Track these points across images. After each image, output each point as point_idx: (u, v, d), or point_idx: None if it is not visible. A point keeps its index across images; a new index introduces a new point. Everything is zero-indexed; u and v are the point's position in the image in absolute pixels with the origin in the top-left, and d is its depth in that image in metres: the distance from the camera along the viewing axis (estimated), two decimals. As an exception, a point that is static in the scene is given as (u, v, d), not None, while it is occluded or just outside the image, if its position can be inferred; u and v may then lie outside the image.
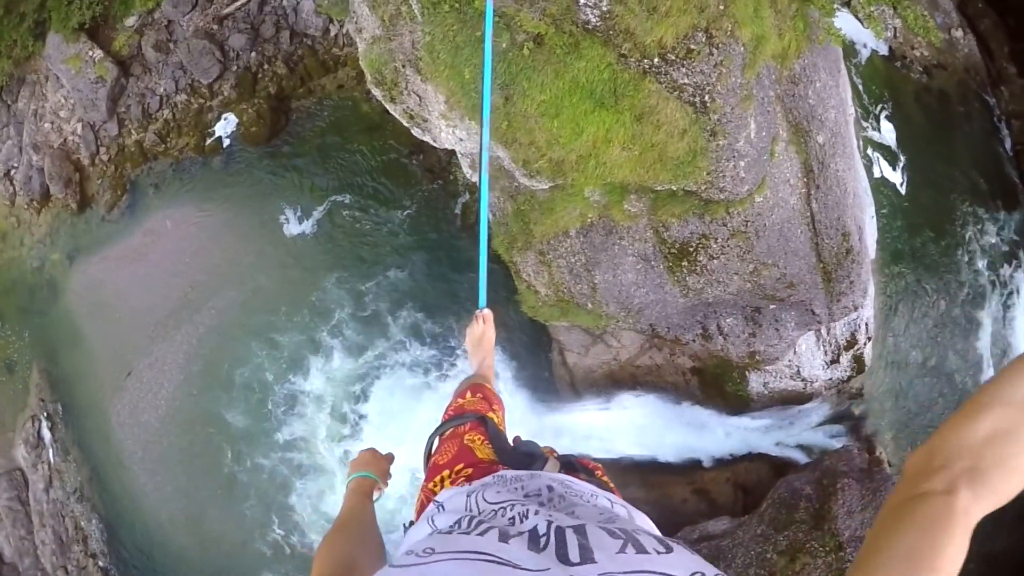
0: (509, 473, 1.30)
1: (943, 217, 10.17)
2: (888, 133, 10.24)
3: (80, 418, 11.03)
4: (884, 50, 10.62)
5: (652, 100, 5.79)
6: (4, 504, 11.24)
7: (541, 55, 5.70)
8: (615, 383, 8.84)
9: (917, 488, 0.83)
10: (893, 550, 0.77)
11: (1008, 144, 10.94)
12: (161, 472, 10.53)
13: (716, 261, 7.17)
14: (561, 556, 0.79)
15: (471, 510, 1.06)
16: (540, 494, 1.17)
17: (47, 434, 11.16)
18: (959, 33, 11.04)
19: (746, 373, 8.51)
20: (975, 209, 10.33)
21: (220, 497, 10.29)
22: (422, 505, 1.41)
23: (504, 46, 5.69)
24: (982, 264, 10.15)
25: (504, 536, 0.84)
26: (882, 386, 9.50)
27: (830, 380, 8.80)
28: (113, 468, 10.80)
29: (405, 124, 7.15)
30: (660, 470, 9.04)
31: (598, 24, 5.56)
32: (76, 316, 11.23)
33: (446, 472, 1.44)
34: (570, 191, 6.74)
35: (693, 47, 5.60)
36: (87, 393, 11.04)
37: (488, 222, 2.26)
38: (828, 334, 8.52)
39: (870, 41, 10.22)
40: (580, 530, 0.86)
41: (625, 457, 8.99)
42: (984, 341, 9.98)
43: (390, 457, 1.79)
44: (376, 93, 7.01)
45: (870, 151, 9.98)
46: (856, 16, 8.41)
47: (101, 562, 10.78)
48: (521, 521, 0.94)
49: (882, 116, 10.29)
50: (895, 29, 10.61)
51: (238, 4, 10.88)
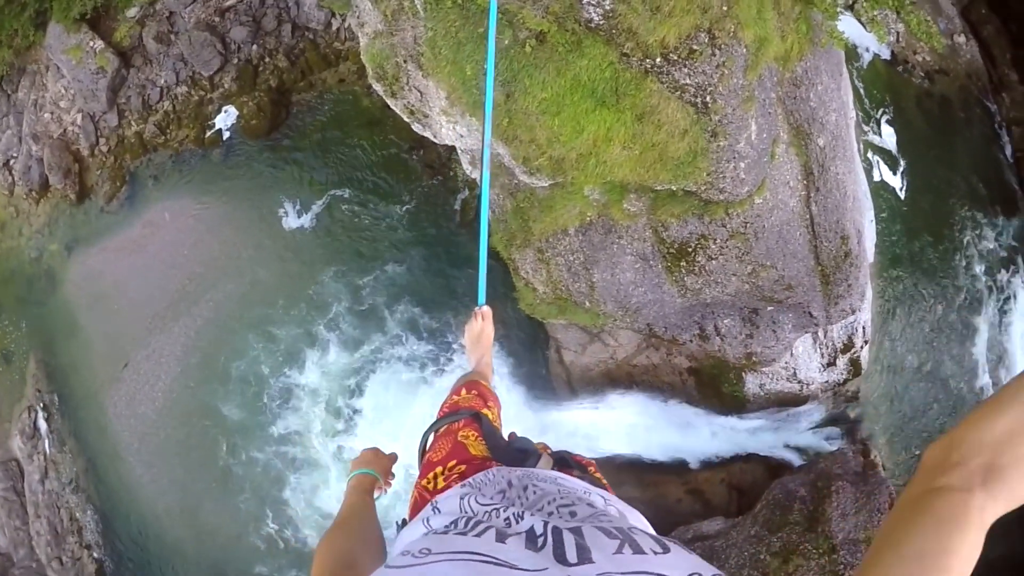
0: (501, 474, 1.29)
1: (942, 222, 10.19)
2: (889, 137, 10.25)
3: (76, 409, 11.02)
4: (886, 54, 10.62)
5: (653, 100, 5.79)
6: (0, 495, 11.26)
7: (543, 52, 5.69)
8: (612, 382, 8.84)
9: (934, 482, 0.81)
10: (905, 548, 0.76)
11: (1008, 151, 10.96)
12: (157, 464, 10.53)
13: (714, 262, 7.17)
14: (559, 556, 0.78)
15: (465, 512, 1.06)
16: (535, 492, 1.16)
17: (43, 425, 11.15)
18: (962, 39, 11.05)
19: (743, 374, 8.52)
20: (974, 214, 10.35)
21: (215, 490, 10.29)
22: (415, 502, 1.40)
23: (506, 43, 5.68)
24: (980, 269, 10.17)
25: (501, 536, 0.84)
26: (878, 390, 9.52)
27: (826, 383, 8.82)
28: (109, 459, 10.79)
29: (406, 119, 7.13)
30: (654, 469, 9.06)
31: (601, 23, 5.55)
32: (74, 307, 11.21)
33: (439, 468, 1.44)
34: (570, 189, 6.74)
35: (695, 47, 5.60)
36: (84, 384, 11.02)
37: (487, 219, 2.26)
38: (825, 337, 8.53)
39: (873, 45, 10.22)
40: (577, 530, 0.86)
41: (619, 455, 9.00)
42: (980, 347, 10.00)
43: (393, 457, 1.79)
44: (377, 88, 6.99)
45: (870, 155, 9.99)
46: (859, 20, 8.40)
47: (96, 553, 10.78)
48: (517, 522, 0.94)
49: (883, 120, 10.30)
50: (898, 33, 10.61)
51: (240, -4, 10.85)
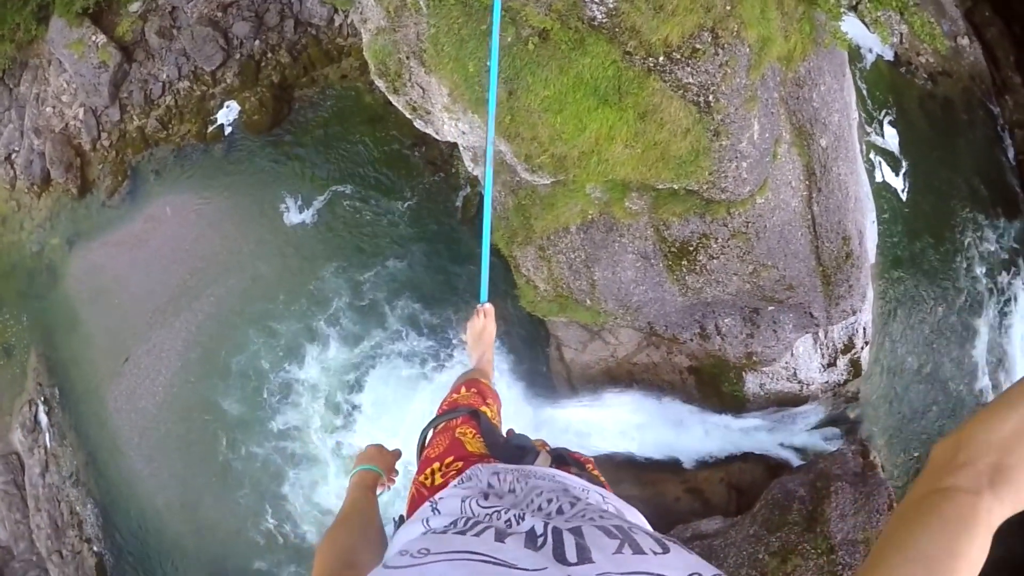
0: (498, 467, 1.28)
1: (944, 224, 10.19)
2: (891, 138, 10.24)
3: (77, 403, 11.03)
4: (890, 55, 10.60)
5: (656, 98, 5.78)
6: (0, 488, 11.26)
7: (546, 50, 5.69)
8: (612, 380, 8.85)
9: (941, 482, 0.80)
10: (910, 550, 0.75)
11: (1011, 153, 10.94)
12: (157, 458, 10.54)
13: (716, 261, 7.17)
14: (558, 556, 0.78)
15: (466, 513, 1.05)
16: (533, 490, 1.16)
17: (44, 418, 11.16)
18: (965, 41, 11.02)
19: (743, 374, 8.53)
20: (976, 216, 10.34)
21: (215, 485, 10.31)
22: (413, 498, 1.40)
23: (509, 40, 5.68)
24: (980, 271, 10.17)
25: (500, 536, 0.83)
26: (878, 391, 9.52)
27: (826, 383, 8.82)
28: (109, 453, 10.80)
29: (408, 116, 7.13)
30: (653, 467, 9.07)
31: (604, 21, 5.55)
32: (75, 301, 11.22)
33: (437, 465, 1.44)
34: (571, 187, 6.74)
35: (699, 46, 5.59)
36: (85, 378, 11.03)
37: (490, 217, 2.27)
38: (826, 337, 8.53)
39: (876, 46, 10.21)
40: (577, 529, 0.85)
41: (618, 453, 9.02)
42: (980, 349, 10.00)
43: (397, 453, 1.79)
44: (379, 84, 6.99)
45: (873, 156, 9.98)
46: (863, 21, 8.38)
47: (96, 547, 10.80)
48: (518, 522, 0.94)
49: (886, 121, 10.29)
50: (901, 35, 10.60)
51: (243, -8, 10.84)
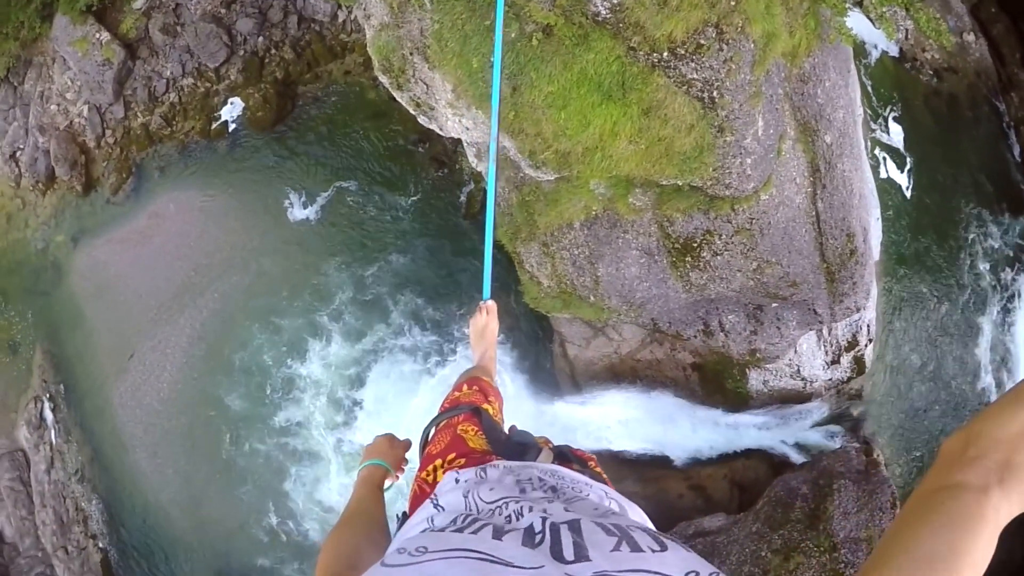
0: (503, 464, 1.28)
1: (948, 220, 10.15)
2: (896, 135, 10.21)
3: (82, 399, 11.08)
4: (895, 51, 10.56)
5: (660, 94, 5.77)
6: (6, 484, 11.30)
7: (550, 46, 5.68)
8: (615, 376, 8.85)
9: (950, 477, 0.80)
10: (915, 549, 0.74)
11: (1016, 150, 10.90)
12: (161, 454, 10.59)
13: (720, 257, 7.16)
14: (555, 553, 0.77)
15: (470, 509, 1.05)
16: (534, 487, 1.16)
17: (49, 415, 11.21)
18: (971, 37, 10.97)
19: (746, 370, 8.52)
20: (980, 213, 10.31)
21: (218, 481, 10.35)
22: (415, 495, 1.40)
23: (513, 36, 5.67)
24: (984, 268, 10.14)
25: (498, 533, 0.83)
26: (881, 388, 9.50)
27: (830, 380, 8.81)
28: (114, 449, 10.85)
29: (411, 112, 7.13)
30: (656, 464, 9.07)
31: (608, 16, 5.54)
32: (80, 298, 11.26)
33: (439, 461, 1.44)
34: (575, 183, 6.73)
35: (703, 42, 5.58)
36: (90, 374, 11.08)
37: (493, 213, 2.26)
38: (829, 334, 8.52)
39: (881, 42, 10.16)
40: (575, 527, 0.85)
41: (621, 450, 9.02)
42: (983, 347, 9.98)
43: (406, 444, 1.76)
44: (383, 80, 6.98)
45: (877, 152, 9.95)
46: (868, 16, 8.32)
47: (101, 543, 10.85)
48: (517, 519, 0.93)
49: (890, 118, 10.25)
50: (907, 31, 10.55)
51: (247, -11, 10.84)
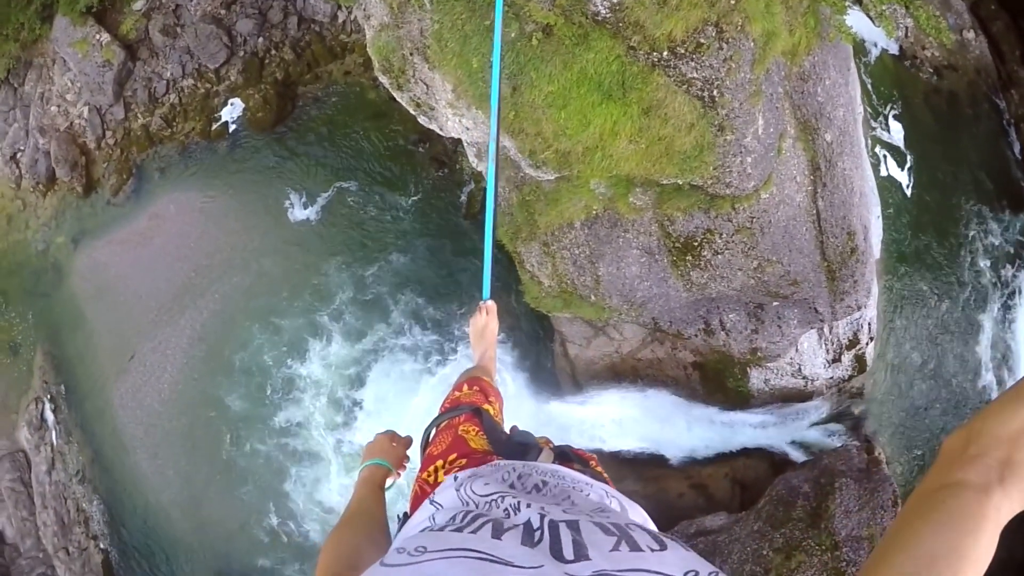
0: (501, 463, 1.28)
1: (948, 218, 10.15)
2: (896, 133, 10.20)
3: (83, 400, 11.09)
4: (895, 49, 10.55)
5: (660, 93, 5.77)
6: (7, 485, 11.31)
7: (550, 46, 5.68)
8: (616, 376, 8.85)
9: (951, 475, 0.79)
10: (916, 549, 0.73)
11: (1016, 148, 10.89)
12: (162, 455, 10.59)
13: (720, 256, 7.16)
14: (555, 552, 0.77)
15: (465, 504, 1.04)
16: (533, 485, 1.15)
17: (50, 416, 11.22)
18: (971, 35, 10.96)
19: (747, 369, 8.52)
20: (981, 210, 10.30)
21: (219, 481, 10.36)
22: (416, 495, 1.40)
23: (513, 36, 5.67)
24: (985, 265, 10.14)
25: (498, 531, 0.82)
26: (882, 387, 9.50)
27: (831, 379, 8.80)
28: (115, 450, 10.86)
29: (412, 112, 7.13)
30: (657, 464, 9.07)
31: (608, 16, 5.54)
32: (80, 299, 11.26)
33: (440, 462, 1.44)
34: (576, 183, 6.73)
35: (703, 41, 5.58)
36: (90, 375, 11.08)
37: (493, 213, 2.25)
38: (830, 333, 8.51)
39: (881, 40, 10.15)
40: (574, 525, 0.84)
41: (622, 450, 9.02)
42: (984, 345, 9.98)
43: (407, 441, 1.75)
44: (383, 81, 6.99)
45: (878, 150, 9.94)
46: (868, 14, 8.33)
47: (102, 544, 10.85)
48: (515, 513, 0.93)
49: (891, 116, 10.25)
50: (906, 29, 10.54)
51: (246, -11, 10.84)
